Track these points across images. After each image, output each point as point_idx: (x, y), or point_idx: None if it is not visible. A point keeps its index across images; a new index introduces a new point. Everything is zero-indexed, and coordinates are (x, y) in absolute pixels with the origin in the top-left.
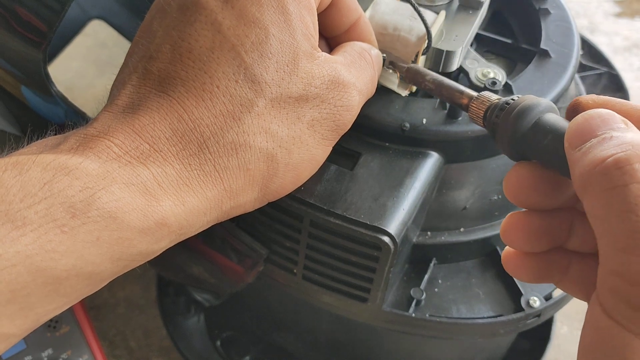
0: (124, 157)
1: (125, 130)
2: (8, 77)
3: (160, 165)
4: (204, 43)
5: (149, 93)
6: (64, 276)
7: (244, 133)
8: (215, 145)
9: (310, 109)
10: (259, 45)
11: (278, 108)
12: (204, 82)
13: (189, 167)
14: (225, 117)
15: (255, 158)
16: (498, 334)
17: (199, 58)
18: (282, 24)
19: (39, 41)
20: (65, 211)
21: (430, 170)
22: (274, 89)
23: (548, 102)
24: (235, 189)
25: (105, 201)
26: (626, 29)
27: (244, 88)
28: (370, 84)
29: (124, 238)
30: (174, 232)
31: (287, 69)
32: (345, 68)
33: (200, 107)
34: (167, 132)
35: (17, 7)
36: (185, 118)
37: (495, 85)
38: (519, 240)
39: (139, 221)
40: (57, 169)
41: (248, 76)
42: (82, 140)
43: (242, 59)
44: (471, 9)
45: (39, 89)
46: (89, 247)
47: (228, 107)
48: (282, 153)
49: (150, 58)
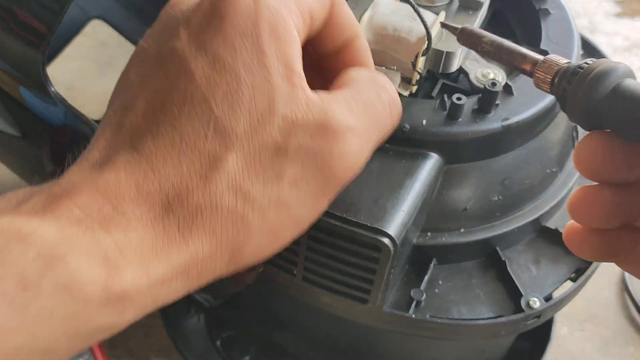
0: (85, 221)
1: (89, 190)
2: (6, 78)
3: (122, 230)
4: (176, 95)
5: (120, 148)
6: (13, 354)
7: (211, 193)
8: (180, 207)
9: (292, 163)
10: (230, 95)
11: (252, 164)
12: (173, 139)
13: (153, 231)
14: (192, 177)
15: (222, 221)
16: (498, 335)
17: (170, 112)
18: (256, 68)
19: (38, 42)
20: (16, 284)
21: (430, 171)
22: (246, 142)
23: (626, 66)
24: (202, 255)
25: (59, 272)
26: (626, 29)
27: (213, 144)
28: (379, 124)
29: (80, 313)
30: (137, 304)
31: (261, 119)
32: (343, 106)
33: (167, 166)
34: (132, 192)
35: (15, 7)
36: (151, 177)
37: (496, 86)
38: (588, 216)
39: (97, 294)
40: (12, 235)
41: (218, 130)
42: (45, 199)
43: (212, 112)
44: (471, 10)
45: (38, 90)
46: (42, 323)
47: (196, 166)
48: (255, 215)
49: (125, 110)
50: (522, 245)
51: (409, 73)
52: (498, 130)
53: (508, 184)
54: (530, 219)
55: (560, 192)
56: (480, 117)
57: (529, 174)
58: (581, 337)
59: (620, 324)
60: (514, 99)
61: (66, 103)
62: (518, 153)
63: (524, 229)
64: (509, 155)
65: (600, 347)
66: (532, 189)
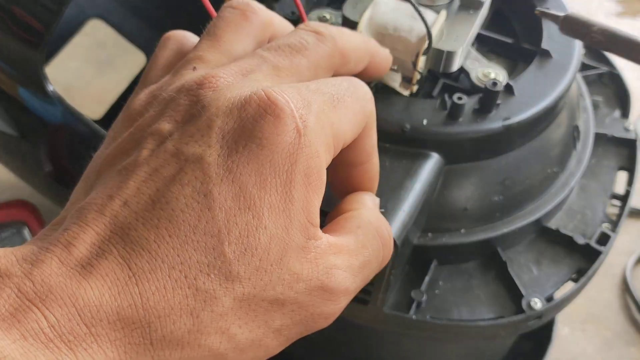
0: (54, 342)
1: (66, 305)
2: (5, 78)
3: (90, 352)
4: (188, 217)
5: (110, 255)
6: None
7: (197, 332)
8: (160, 338)
9: (283, 314)
10: (246, 238)
11: (246, 310)
12: (172, 266)
13: (125, 355)
14: (182, 312)
15: (201, 357)
16: (499, 335)
17: (176, 234)
18: (280, 214)
19: (36, 42)
20: None
21: (431, 171)
22: (247, 289)
23: None
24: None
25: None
26: (627, 28)
27: (214, 283)
28: (368, 279)
29: None
30: None
31: (269, 269)
32: (345, 267)
33: (158, 294)
34: (112, 315)
35: (13, 7)
36: (137, 304)
37: (497, 85)
38: None
39: None
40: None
41: (223, 271)
42: (15, 301)
43: (222, 251)
44: (472, 9)
45: (36, 89)
46: None
47: (189, 302)
48: (234, 354)
49: (124, 205)
50: (523, 246)
51: (410, 72)
52: (499, 130)
53: (509, 184)
54: (531, 219)
55: (561, 193)
56: (481, 117)
57: (529, 174)
58: (582, 337)
59: (622, 325)
60: (515, 98)
61: (64, 102)
62: (519, 153)
63: (525, 230)
64: (510, 155)
65: (602, 347)
66: (532, 189)
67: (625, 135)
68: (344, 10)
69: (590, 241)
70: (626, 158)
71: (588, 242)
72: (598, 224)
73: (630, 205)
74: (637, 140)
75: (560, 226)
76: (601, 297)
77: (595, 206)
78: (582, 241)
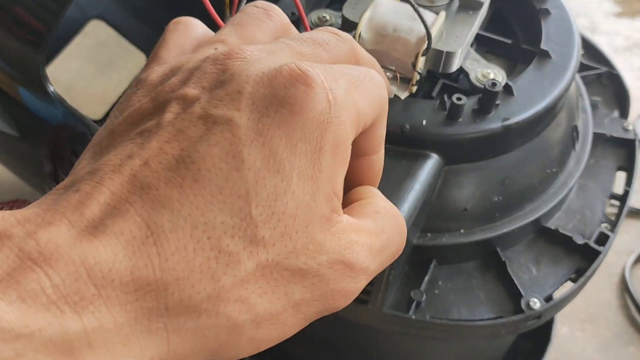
0: (57, 304)
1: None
2: (5, 78)
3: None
4: (215, 177)
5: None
6: None
7: (217, 298)
8: (177, 303)
9: (304, 287)
10: (274, 201)
11: (267, 278)
12: (195, 227)
13: (134, 321)
14: (202, 275)
15: (218, 326)
16: (498, 335)
17: (201, 194)
18: (308, 180)
19: (37, 42)
20: None
21: (430, 171)
22: (271, 255)
23: None
24: (180, 353)
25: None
26: (626, 28)
27: (238, 246)
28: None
29: None
30: None
31: (294, 236)
32: (366, 245)
33: (178, 255)
34: (125, 276)
35: (15, 7)
36: (155, 264)
37: (496, 86)
38: None
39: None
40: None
41: (248, 234)
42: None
43: (249, 212)
44: (471, 10)
45: (37, 89)
46: None
47: (211, 264)
48: (250, 327)
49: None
50: (522, 246)
51: (409, 73)
52: (498, 131)
53: (508, 184)
54: (530, 219)
55: (560, 193)
56: (481, 117)
57: (529, 174)
58: (582, 337)
59: (621, 324)
60: (514, 99)
61: (65, 103)
62: (518, 153)
63: (524, 230)
64: (509, 156)
65: (601, 347)
66: (532, 189)
67: (624, 135)
68: (344, 11)
69: (589, 241)
70: (625, 158)
71: (587, 242)
72: (597, 224)
73: (629, 205)
74: (635, 140)
75: (559, 226)
76: (600, 297)
77: (594, 206)
78: (581, 241)
